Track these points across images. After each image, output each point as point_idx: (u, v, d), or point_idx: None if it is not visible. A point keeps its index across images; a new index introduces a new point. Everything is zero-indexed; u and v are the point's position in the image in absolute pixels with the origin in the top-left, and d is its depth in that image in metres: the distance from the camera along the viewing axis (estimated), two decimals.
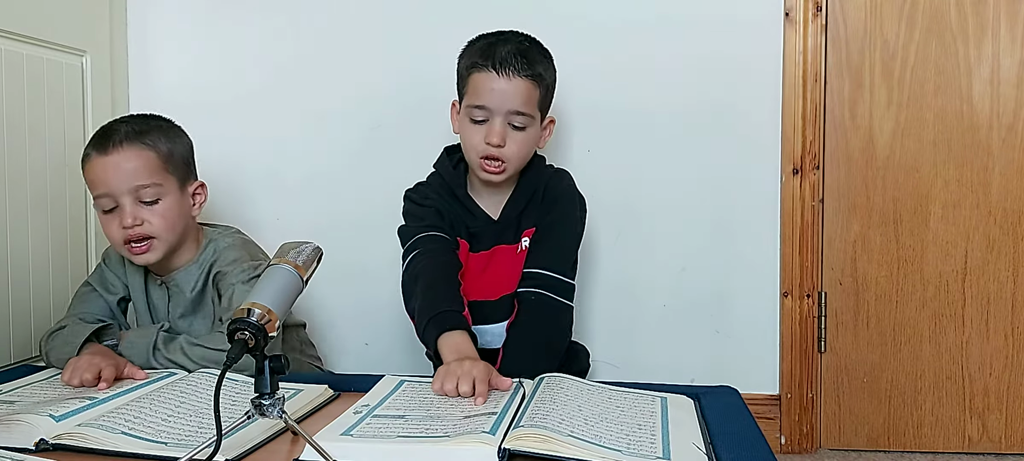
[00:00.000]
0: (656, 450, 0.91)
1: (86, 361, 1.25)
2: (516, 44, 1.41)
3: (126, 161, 1.34)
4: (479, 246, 1.47)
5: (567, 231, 1.47)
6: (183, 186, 1.41)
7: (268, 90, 1.94)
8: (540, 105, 1.42)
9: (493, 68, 1.38)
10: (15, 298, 1.59)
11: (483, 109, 1.39)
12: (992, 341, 1.83)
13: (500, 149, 1.39)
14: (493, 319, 1.47)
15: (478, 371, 1.12)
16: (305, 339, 1.64)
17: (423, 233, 1.43)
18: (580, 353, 1.59)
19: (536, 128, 1.43)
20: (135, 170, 1.34)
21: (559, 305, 1.41)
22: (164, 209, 1.36)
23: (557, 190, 1.48)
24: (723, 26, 1.81)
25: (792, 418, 1.86)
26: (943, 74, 1.80)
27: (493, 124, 1.39)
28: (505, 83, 1.38)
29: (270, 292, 0.90)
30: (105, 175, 1.34)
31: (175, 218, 1.38)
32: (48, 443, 0.96)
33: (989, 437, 1.85)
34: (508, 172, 1.43)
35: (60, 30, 1.71)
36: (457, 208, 1.47)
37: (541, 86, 1.41)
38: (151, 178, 1.35)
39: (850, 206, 1.85)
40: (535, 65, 1.40)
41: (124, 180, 1.33)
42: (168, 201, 1.37)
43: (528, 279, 1.42)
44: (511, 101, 1.38)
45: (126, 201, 1.34)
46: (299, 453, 0.91)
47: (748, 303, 1.87)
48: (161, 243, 1.37)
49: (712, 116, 1.83)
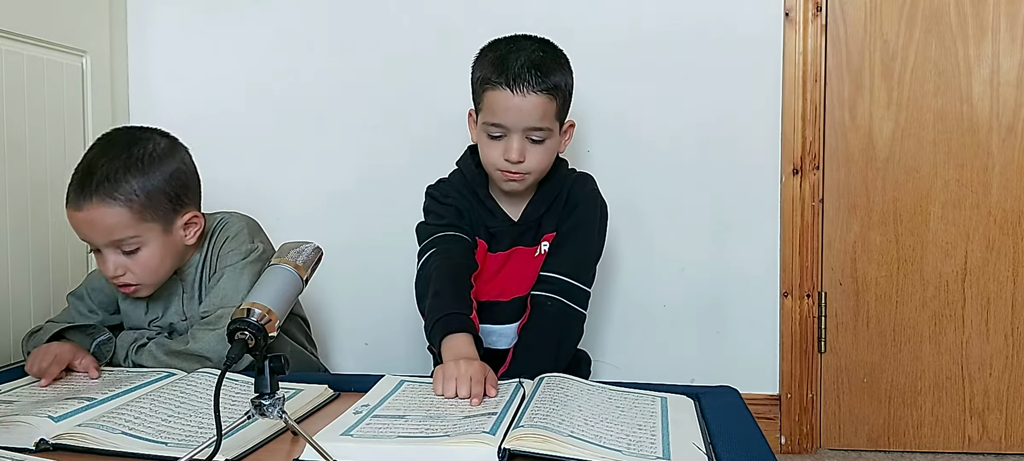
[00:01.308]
0: (656, 450, 0.91)
1: (44, 349, 1.28)
2: (529, 54, 1.36)
3: (100, 218, 1.30)
4: (497, 247, 1.47)
5: (587, 237, 1.45)
6: (167, 227, 1.35)
7: (268, 90, 1.94)
8: (558, 115, 1.40)
9: (507, 86, 1.34)
10: (15, 298, 1.59)
11: (500, 127, 1.37)
12: (992, 341, 1.83)
13: (521, 164, 1.38)
14: (503, 320, 1.46)
15: (474, 371, 1.12)
16: (308, 334, 1.64)
17: (440, 232, 1.43)
18: (582, 361, 1.58)
19: (555, 137, 1.41)
20: (110, 227, 1.31)
21: (572, 312, 1.41)
22: (146, 258, 1.34)
23: (579, 195, 1.46)
24: (723, 26, 1.81)
25: (792, 418, 1.86)
26: (943, 74, 1.80)
27: (511, 142, 1.37)
28: (520, 101, 1.34)
29: (270, 292, 0.90)
30: (81, 229, 1.33)
31: (157, 264, 1.36)
32: (48, 443, 0.96)
33: (989, 437, 1.85)
34: (529, 181, 1.42)
35: (60, 30, 1.71)
36: (478, 208, 1.47)
37: (558, 97, 1.37)
38: (126, 232, 1.31)
39: (850, 206, 1.85)
40: (551, 76, 1.36)
41: (100, 235, 1.32)
42: (149, 249, 1.34)
43: (544, 283, 1.41)
44: (528, 119, 1.35)
45: (107, 252, 1.33)
46: (299, 453, 0.91)
47: (748, 303, 1.87)
48: (146, 287, 1.37)
49: (712, 116, 1.83)
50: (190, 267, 1.43)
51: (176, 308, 1.44)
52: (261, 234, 1.49)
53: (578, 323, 1.43)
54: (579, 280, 1.42)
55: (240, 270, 1.39)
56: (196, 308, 1.42)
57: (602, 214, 1.49)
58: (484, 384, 1.12)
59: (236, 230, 1.45)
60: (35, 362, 1.27)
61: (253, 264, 1.40)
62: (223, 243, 1.44)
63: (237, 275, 1.39)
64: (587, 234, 1.46)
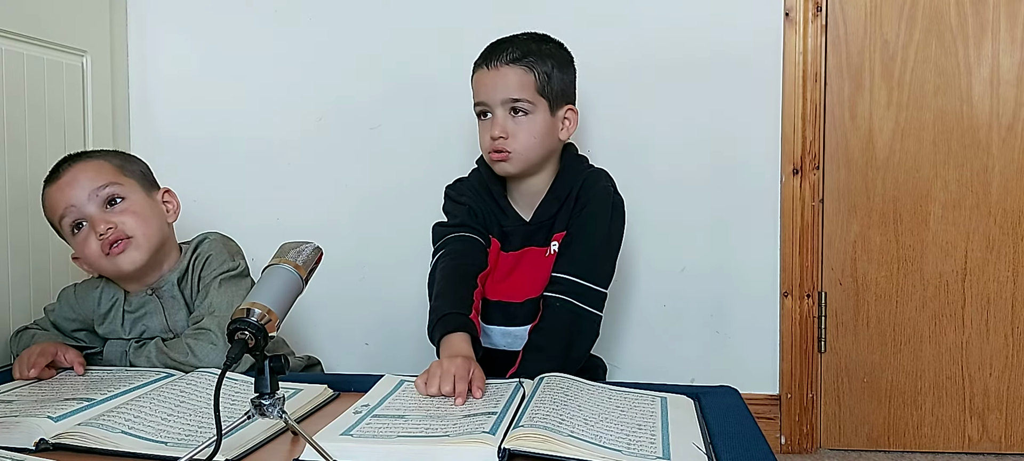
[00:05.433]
0: (656, 450, 0.91)
1: (27, 350, 1.31)
2: (511, 39, 1.44)
3: (82, 172, 1.36)
4: (509, 246, 1.47)
5: (597, 236, 1.42)
6: (148, 192, 1.42)
7: (268, 89, 1.94)
8: (541, 92, 1.41)
9: (484, 65, 1.43)
10: (14, 297, 1.59)
11: (482, 104, 1.43)
12: (992, 341, 1.83)
13: (504, 140, 1.40)
14: (516, 321, 1.45)
15: (458, 369, 1.11)
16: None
17: (452, 233, 1.43)
18: (598, 367, 1.56)
19: (542, 116, 1.42)
20: (92, 177, 1.36)
21: (583, 313, 1.38)
22: (132, 206, 1.37)
23: (589, 193, 1.44)
24: (723, 26, 1.81)
25: (792, 418, 1.86)
26: (943, 74, 1.80)
27: (495, 117, 1.42)
28: (494, 73, 1.41)
29: (270, 292, 0.90)
30: (62, 193, 1.35)
31: (147, 215, 1.38)
32: (48, 443, 0.96)
33: (989, 437, 1.85)
34: (518, 161, 1.42)
35: (60, 30, 1.71)
36: (491, 206, 1.47)
37: (535, 71, 1.40)
38: (108, 180, 1.36)
39: (850, 206, 1.85)
40: (527, 53, 1.41)
41: (82, 189, 1.34)
42: (134, 199, 1.38)
43: (554, 284, 1.40)
44: (503, 90, 1.40)
45: (91, 209, 1.35)
46: (299, 453, 0.91)
47: (748, 303, 1.86)
48: (140, 240, 1.37)
49: (712, 116, 1.83)
50: (165, 284, 1.43)
51: (158, 322, 1.42)
52: (240, 254, 1.49)
53: (591, 325, 1.40)
54: (590, 280, 1.39)
55: (227, 283, 1.40)
56: (181, 320, 1.42)
57: (616, 212, 1.46)
58: (469, 383, 1.10)
59: (217, 244, 1.45)
60: (21, 365, 1.28)
61: (240, 278, 1.42)
62: (205, 246, 1.44)
63: (232, 289, 1.39)
64: (596, 232, 1.42)
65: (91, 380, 1.26)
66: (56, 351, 1.31)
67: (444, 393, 1.09)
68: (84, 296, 1.46)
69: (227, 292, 1.37)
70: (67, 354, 1.31)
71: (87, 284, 1.49)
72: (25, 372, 1.27)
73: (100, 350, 1.41)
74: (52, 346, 1.31)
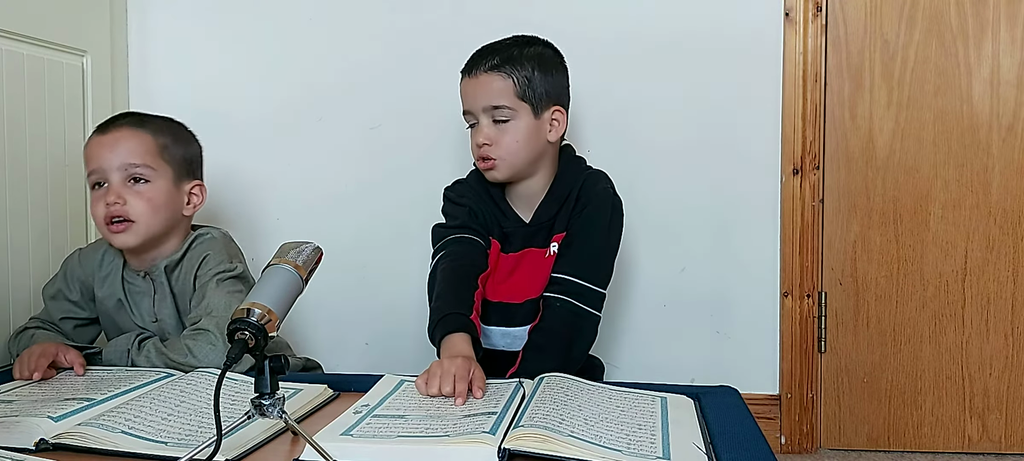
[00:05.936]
0: (656, 450, 0.91)
1: (27, 351, 1.30)
2: (493, 46, 1.45)
3: (122, 140, 1.37)
4: (509, 248, 1.47)
5: (596, 236, 1.43)
6: (178, 181, 1.42)
7: (268, 90, 1.94)
8: (522, 96, 1.41)
9: (467, 73, 1.45)
10: (14, 297, 1.59)
11: (467, 114, 1.46)
12: (992, 341, 1.83)
13: (489, 147, 1.41)
14: (516, 322, 1.45)
15: (458, 369, 1.11)
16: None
17: (451, 235, 1.44)
18: (596, 367, 1.57)
19: (525, 120, 1.42)
20: (128, 150, 1.37)
21: (583, 313, 1.39)
22: (150, 193, 1.38)
23: (589, 194, 1.45)
24: (723, 26, 1.81)
25: (792, 418, 1.86)
26: (943, 74, 1.80)
27: (480, 125, 1.43)
28: (475, 82, 1.43)
29: (270, 292, 0.90)
30: (99, 151, 1.37)
31: (160, 205, 1.39)
32: (48, 443, 0.96)
33: (989, 437, 1.85)
34: (504, 167, 1.43)
35: (60, 30, 1.71)
36: (491, 208, 1.48)
37: (513, 77, 1.41)
38: (143, 159, 1.37)
39: (850, 206, 1.85)
40: (506, 59, 1.41)
41: (115, 157, 1.36)
42: (157, 186, 1.38)
43: (554, 284, 1.40)
44: (483, 97, 1.41)
45: (115, 178, 1.36)
46: (299, 453, 0.91)
47: (748, 303, 1.87)
48: (140, 227, 1.37)
49: (712, 116, 1.83)
50: (156, 270, 1.43)
51: (147, 306, 1.43)
52: (240, 256, 1.48)
53: (590, 325, 1.41)
54: (589, 280, 1.40)
55: (223, 284, 1.40)
56: (167, 310, 1.42)
57: (614, 212, 1.46)
58: (469, 383, 1.10)
59: (217, 243, 1.45)
60: (22, 366, 1.28)
61: (237, 280, 1.42)
62: (204, 245, 1.44)
63: (229, 290, 1.39)
64: (596, 233, 1.43)
65: (91, 380, 1.26)
66: (56, 351, 1.30)
67: (444, 393, 1.09)
68: (89, 257, 1.49)
69: (224, 293, 1.37)
70: (67, 354, 1.31)
71: (94, 244, 1.52)
72: (26, 374, 1.26)
73: (100, 350, 1.41)
74: (52, 346, 1.31)
